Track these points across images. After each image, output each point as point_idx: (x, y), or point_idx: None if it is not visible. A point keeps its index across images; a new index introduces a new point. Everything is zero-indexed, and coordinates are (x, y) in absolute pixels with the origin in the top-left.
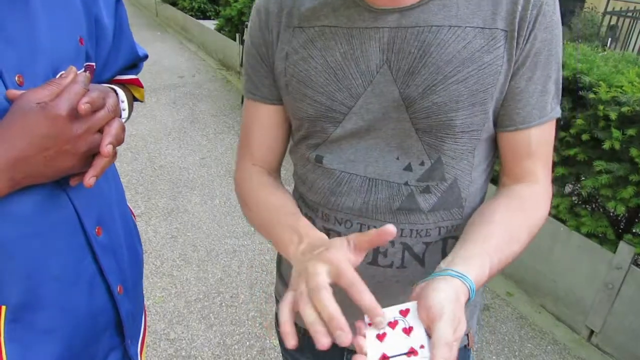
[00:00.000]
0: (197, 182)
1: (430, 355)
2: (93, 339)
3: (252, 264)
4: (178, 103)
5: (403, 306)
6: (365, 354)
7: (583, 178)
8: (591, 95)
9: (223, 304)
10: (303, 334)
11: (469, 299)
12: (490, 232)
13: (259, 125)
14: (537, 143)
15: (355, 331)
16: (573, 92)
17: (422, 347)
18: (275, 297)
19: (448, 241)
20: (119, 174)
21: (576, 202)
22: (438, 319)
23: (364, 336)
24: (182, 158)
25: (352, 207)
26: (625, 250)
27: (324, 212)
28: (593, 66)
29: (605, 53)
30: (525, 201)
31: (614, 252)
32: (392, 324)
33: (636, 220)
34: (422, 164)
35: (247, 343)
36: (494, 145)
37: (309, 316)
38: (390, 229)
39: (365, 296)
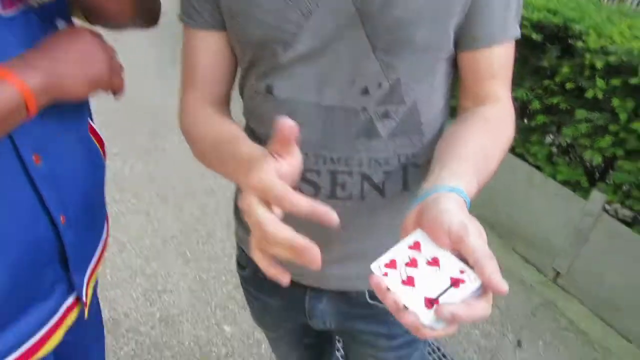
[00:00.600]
0: (176, 122)
1: (476, 275)
2: (36, 272)
3: (230, 203)
4: (159, 42)
5: (409, 240)
6: (405, 307)
7: (564, 128)
8: (579, 44)
9: (199, 241)
10: (264, 276)
11: None
12: (467, 151)
13: (203, 55)
14: (498, 63)
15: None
16: (562, 40)
17: (462, 272)
18: (237, 241)
19: (408, 169)
20: (96, 112)
21: (555, 153)
22: (466, 236)
23: (389, 289)
24: (162, 98)
25: (309, 139)
26: (597, 197)
27: None
28: (585, 15)
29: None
30: (491, 122)
31: (587, 200)
32: (411, 263)
33: (611, 170)
34: (380, 86)
35: (223, 278)
36: (454, 69)
37: (282, 255)
38: (288, 121)
39: (301, 202)
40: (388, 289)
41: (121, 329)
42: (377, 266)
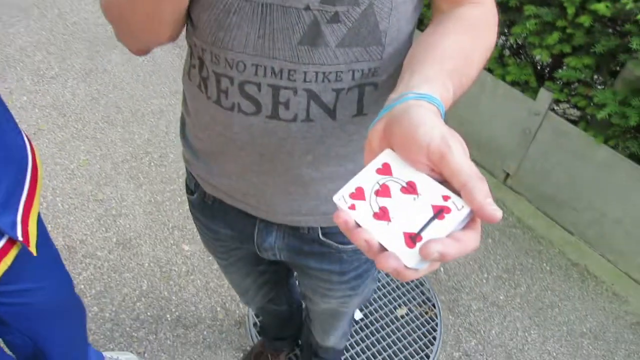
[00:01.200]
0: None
1: (463, 201)
2: None
3: None
4: None
5: (376, 163)
6: (381, 247)
7: (514, 26)
8: None
9: (152, 164)
10: (213, 201)
11: None
12: (445, 52)
13: None
14: None
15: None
16: None
17: (446, 198)
18: (185, 165)
19: (365, 89)
20: (28, 33)
21: (507, 54)
22: (449, 154)
23: (358, 224)
24: (98, 14)
25: (245, 44)
26: (544, 96)
27: (214, 52)
28: None
29: None
30: (471, 22)
31: (535, 100)
32: (383, 192)
33: (559, 69)
34: None
35: (179, 199)
36: None
37: None
38: None
39: None
40: (358, 226)
41: (78, 255)
42: (341, 197)
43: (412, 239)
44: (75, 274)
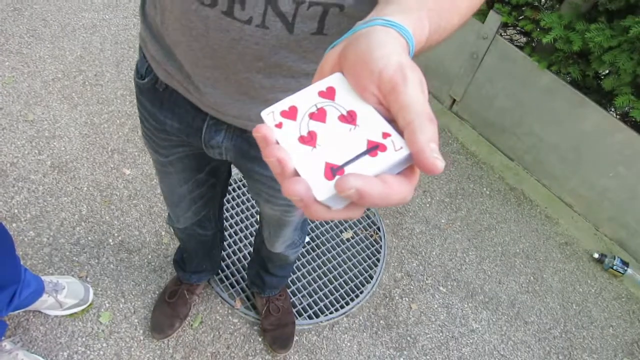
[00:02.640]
0: None
1: (404, 142)
2: None
3: (117, 40)
4: None
5: (321, 85)
6: (296, 174)
7: None
8: None
9: (87, 83)
10: (165, 89)
11: None
12: None
13: None
14: None
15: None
16: None
17: (386, 135)
18: (140, 45)
19: (330, 10)
20: None
21: None
22: (402, 85)
23: (278, 142)
24: None
25: None
26: (493, 19)
27: None
28: None
29: None
30: None
31: (484, 23)
32: (318, 115)
33: None
34: None
35: (118, 121)
36: None
37: None
38: None
39: None
40: (277, 142)
41: (9, 179)
42: (271, 113)
43: (332, 170)
44: (7, 197)
